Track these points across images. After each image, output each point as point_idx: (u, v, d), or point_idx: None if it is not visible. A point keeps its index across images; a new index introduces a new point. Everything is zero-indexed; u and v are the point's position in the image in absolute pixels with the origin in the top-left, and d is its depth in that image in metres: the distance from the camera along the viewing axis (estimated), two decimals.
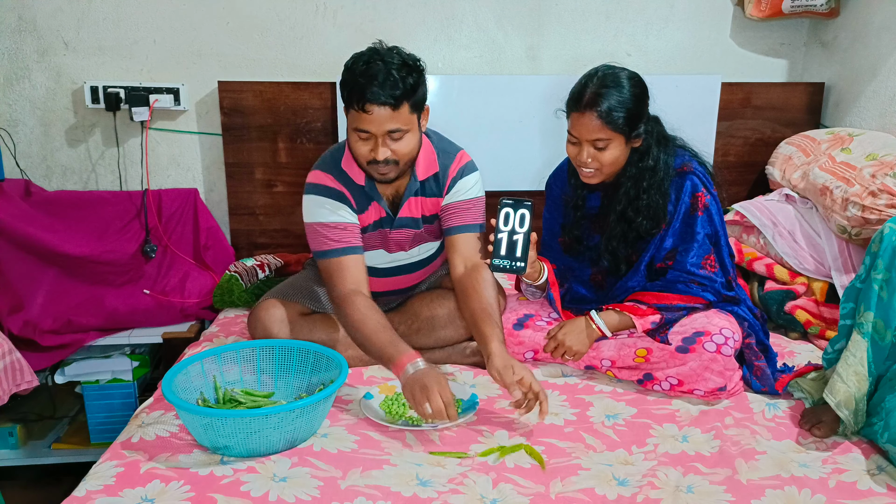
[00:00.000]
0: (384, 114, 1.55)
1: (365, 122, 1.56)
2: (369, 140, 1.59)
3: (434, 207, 1.80)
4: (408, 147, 1.62)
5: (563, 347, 1.73)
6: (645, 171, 1.71)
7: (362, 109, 1.54)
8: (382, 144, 1.58)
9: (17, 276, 2.17)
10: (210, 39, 2.45)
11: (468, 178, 1.79)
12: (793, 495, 1.30)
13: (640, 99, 1.67)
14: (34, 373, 1.94)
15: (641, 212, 1.73)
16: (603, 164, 1.67)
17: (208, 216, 2.48)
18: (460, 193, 1.78)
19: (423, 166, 1.75)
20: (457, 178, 1.77)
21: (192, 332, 2.25)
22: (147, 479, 1.29)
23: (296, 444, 1.42)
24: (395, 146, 1.60)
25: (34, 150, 2.46)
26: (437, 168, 1.77)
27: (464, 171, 1.78)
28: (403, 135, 1.60)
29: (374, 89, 1.52)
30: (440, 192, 1.79)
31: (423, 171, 1.75)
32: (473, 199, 1.79)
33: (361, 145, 1.61)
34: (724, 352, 1.62)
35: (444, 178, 1.77)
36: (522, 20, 2.55)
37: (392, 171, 1.64)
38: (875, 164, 2.00)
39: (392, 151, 1.60)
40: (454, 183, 1.77)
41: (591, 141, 1.65)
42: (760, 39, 2.64)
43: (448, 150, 1.80)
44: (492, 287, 1.70)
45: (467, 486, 1.31)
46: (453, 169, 1.77)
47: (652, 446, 1.48)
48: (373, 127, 1.56)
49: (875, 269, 1.46)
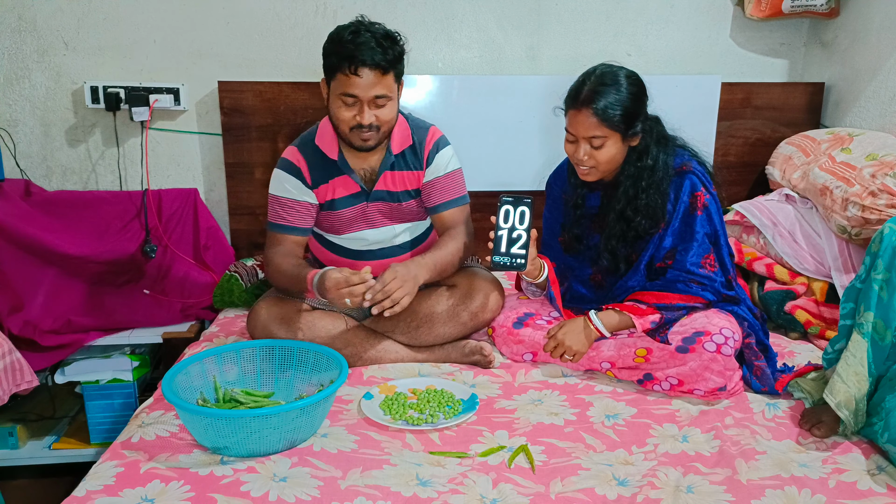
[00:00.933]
0: (372, 78, 1.64)
1: (354, 85, 1.65)
2: (355, 105, 1.68)
3: (414, 181, 1.87)
4: (390, 114, 1.72)
5: (563, 347, 1.73)
6: (644, 171, 1.72)
7: (354, 73, 1.63)
8: (369, 108, 1.67)
9: (17, 276, 2.17)
10: (210, 39, 2.45)
11: (444, 151, 1.87)
12: (793, 495, 1.30)
13: (638, 98, 1.67)
14: (34, 373, 1.94)
15: (640, 211, 1.73)
16: (599, 161, 1.68)
17: (208, 216, 2.48)
18: (440, 168, 1.86)
19: (398, 140, 1.83)
20: (433, 150, 1.85)
21: (192, 332, 2.25)
22: (147, 479, 1.29)
23: (296, 444, 1.42)
24: (378, 112, 1.69)
25: (34, 150, 2.46)
26: (411, 141, 1.85)
27: (439, 145, 1.87)
28: (387, 102, 1.70)
29: (367, 52, 1.62)
30: (419, 165, 1.86)
31: (398, 144, 1.83)
32: (452, 171, 1.88)
33: (346, 111, 1.69)
34: (724, 352, 1.61)
35: (421, 151, 1.85)
36: (522, 20, 2.55)
37: (373, 138, 1.73)
38: (875, 164, 2.00)
39: (376, 117, 1.69)
40: (432, 156, 1.85)
41: (588, 138, 1.66)
42: (760, 39, 2.64)
43: (420, 125, 1.89)
44: (453, 241, 1.82)
45: (467, 486, 1.31)
46: (429, 142, 1.86)
47: (652, 446, 1.47)
48: (360, 91, 1.65)
49: (875, 270, 1.46)
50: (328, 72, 1.70)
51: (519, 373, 1.78)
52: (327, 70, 1.70)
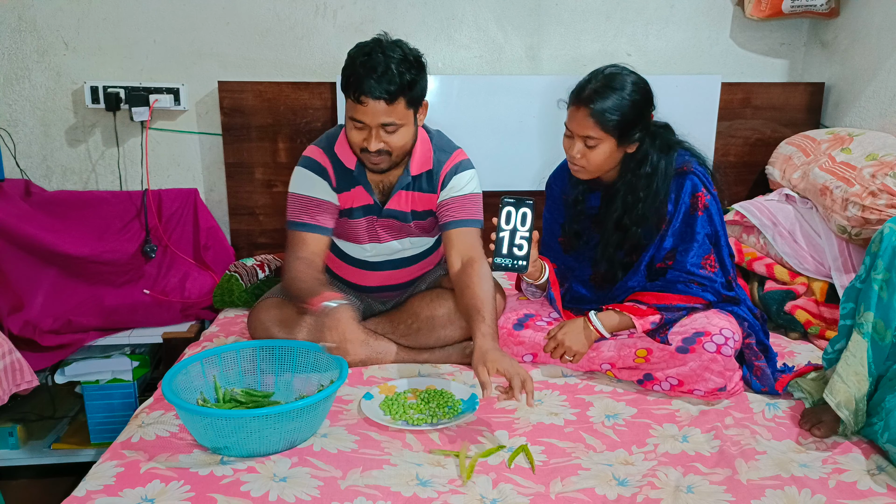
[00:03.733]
0: (378, 107, 1.58)
1: (360, 112, 1.60)
2: (363, 130, 1.63)
3: (426, 204, 1.82)
4: (401, 140, 1.66)
5: (563, 348, 1.73)
6: (641, 179, 1.71)
7: (357, 101, 1.59)
8: (376, 136, 1.63)
9: (17, 276, 2.17)
10: (210, 39, 2.45)
11: (463, 175, 1.80)
12: (793, 495, 1.30)
13: (639, 106, 1.66)
14: (34, 373, 1.93)
15: (637, 221, 1.73)
16: (590, 161, 1.68)
17: (208, 216, 2.48)
18: (455, 189, 1.80)
19: (418, 162, 1.77)
20: (450, 174, 1.79)
21: (192, 332, 2.25)
22: (147, 479, 1.29)
23: (296, 444, 1.42)
24: (388, 138, 1.64)
25: (34, 150, 2.46)
26: (431, 165, 1.79)
27: (458, 168, 1.80)
28: (397, 129, 1.63)
29: (371, 83, 1.56)
30: (433, 189, 1.81)
31: (418, 166, 1.78)
32: (469, 194, 1.80)
33: (356, 134, 1.65)
34: (724, 352, 1.61)
35: (437, 176, 1.79)
36: (522, 20, 2.55)
37: (384, 162, 1.68)
38: (875, 164, 2.00)
39: (385, 143, 1.64)
40: (448, 179, 1.79)
41: (583, 137, 1.66)
42: (760, 39, 2.64)
43: (445, 148, 1.82)
44: (486, 281, 1.70)
45: (467, 486, 1.31)
46: (447, 166, 1.79)
47: (652, 446, 1.47)
48: (367, 118, 1.60)
49: (875, 270, 1.46)
50: (343, 90, 1.64)
51: None
52: (342, 88, 1.64)
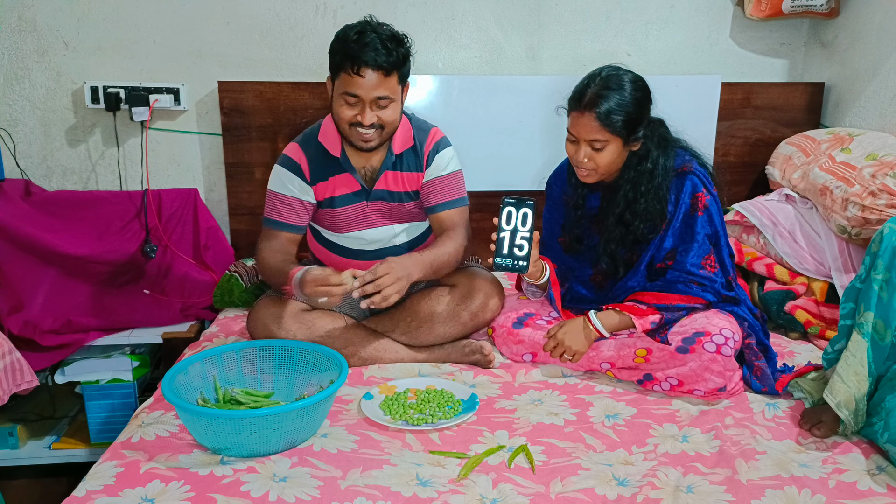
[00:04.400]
0: (375, 79, 1.65)
1: (356, 85, 1.65)
2: (357, 105, 1.69)
3: (414, 183, 1.87)
4: (393, 116, 1.72)
5: (563, 347, 1.73)
6: (643, 174, 1.72)
7: (356, 73, 1.64)
8: (370, 109, 1.68)
9: (17, 276, 2.17)
10: (210, 39, 2.45)
11: (445, 153, 1.87)
12: (793, 495, 1.30)
13: (641, 103, 1.67)
14: (34, 373, 1.93)
15: (639, 216, 1.73)
16: (599, 164, 1.68)
17: (208, 216, 2.48)
18: (439, 168, 1.86)
19: (400, 141, 1.83)
20: (433, 151, 1.86)
21: (192, 332, 2.25)
22: (147, 479, 1.29)
23: (296, 445, 1.42)
24: (380, 113, 1.70)
25: (34, 150, 2.46)
26: (412, 142, 1.85)
27: (439, 146, 1.87)
28: (389, 103, 1.70)
29: (370, 53, 1.62)
30: (419, 167, 1.86)
31: (400, 145, 1.84)
32: (452, 173, 1.88)
33: (347, 109, 1.70)
34: (724, 352, 1.61)
35: (421, 152, 1.85)
36: (522, 20, 2.55)
37: (375, 139, 1.73)
38: (875, 164, 2.00)
39: (378, 117, 1.69)
40: (432, 157, 1.85)
41: (589, 141, 1.66)
42: (760, 39, 2.64)
43: (422, 126, 1.89)
44: (450, 243, 1.81)
45: (467, 486, 1.31)
46: (429, 143, 1.86)
47: (652, 446, 1.47)
48: (362, 91, 1.65)
49: (875, 270, 1.46)
50: (333, 70, 1.71)
51: (519, 373, 1.78)
52: (332, 68, 1.71)
